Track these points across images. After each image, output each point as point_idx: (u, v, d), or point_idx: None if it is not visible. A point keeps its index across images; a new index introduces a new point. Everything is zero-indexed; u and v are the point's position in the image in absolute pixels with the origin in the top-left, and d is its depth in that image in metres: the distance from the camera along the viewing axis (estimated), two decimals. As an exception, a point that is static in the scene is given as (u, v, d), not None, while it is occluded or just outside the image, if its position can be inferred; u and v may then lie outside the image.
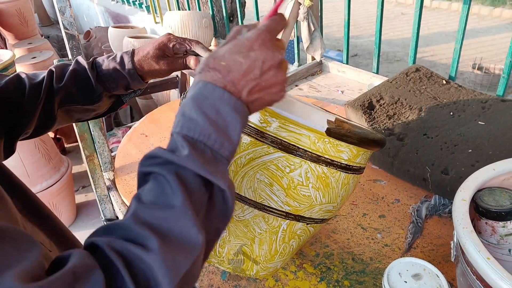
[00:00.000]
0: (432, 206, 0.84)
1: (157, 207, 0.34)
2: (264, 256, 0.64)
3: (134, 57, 0.63)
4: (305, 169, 0.56)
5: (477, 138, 0.91)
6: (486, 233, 0.56)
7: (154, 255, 0.31)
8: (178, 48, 0.63)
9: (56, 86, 0.61)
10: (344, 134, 0.55)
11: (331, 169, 0.57)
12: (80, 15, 4.83)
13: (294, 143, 0.55)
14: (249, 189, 0.58)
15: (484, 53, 3.58)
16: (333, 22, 5.03)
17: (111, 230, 0.34)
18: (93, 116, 0.68)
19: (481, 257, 0.44)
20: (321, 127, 0.54)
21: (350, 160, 0.59)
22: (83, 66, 0.63)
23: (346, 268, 0.74)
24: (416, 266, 0.59)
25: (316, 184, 0.57)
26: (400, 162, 0.93)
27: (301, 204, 0.58)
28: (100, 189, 1.09)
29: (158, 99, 2.59)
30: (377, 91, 1.14)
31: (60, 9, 0.85)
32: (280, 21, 0.44)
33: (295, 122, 0.55)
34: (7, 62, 1.78)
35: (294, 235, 0.63)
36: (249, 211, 0.59)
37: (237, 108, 0.39)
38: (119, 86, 0.64)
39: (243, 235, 0.62)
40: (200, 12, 2.26)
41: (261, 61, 0.40)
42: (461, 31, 1.18)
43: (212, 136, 0.37)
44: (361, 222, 0.84)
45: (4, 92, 0.57)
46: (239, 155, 0.57)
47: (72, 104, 0.63)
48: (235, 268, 0.65)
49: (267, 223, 0.60)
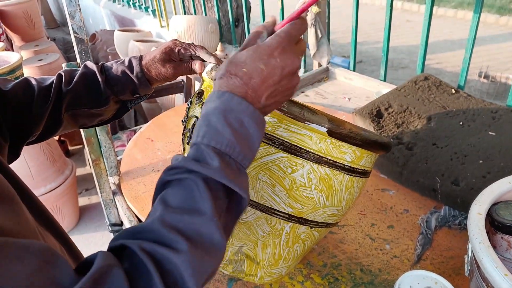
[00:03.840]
0: (442, 217, 0.83)
1: (185, 212, 0.36)
2: (268, 260, 0.63)
3: (142, 61, 0.65)
4: (308, 170, 0.56)
5: (488, 148, 0.90)
6: (502, 247, 0.55)
7: (183, 256, 0.33)
8: (183, 53, 0.65)
9: (65, 89, 0.62)
10: (346, 134, 0.55)
11: (334, 170, 0.56)
12: (86, 18, 4.87)
13: (296, 143, 0.55)
14: (251, 190, 0.57)
15: (490, 62, 3.57)
16: (338, 28, 5.03)
17: (139, 233, 0.35)
18: (97, 122, 0.69)
19: (499, 274, 0.43)
20: (322, 127, 0.54)
21: (354, 162, 0.58)
22: (92, 70, 0.64)
23: (354, 279, 0.72)
24: (427, 279, 0.57)
25: (319, 186, 0.57)
26: (409, 171, 0.91)
27: (304, 206, 0.58)
28: (106, 194, 1.08)
29: (162, 103, 2.59)
30: (385, 99, 1.13)
31: (70, 13, 0.84)
32: (301, 26, 0.44)
33: (297, 122, 0.54)
34: (14, 64, 1.78)
35: (298, 239, 0.62)
36: (251, 213, 0.59)
37: (259, 121, 0.41)
38: (126, 90, 0.65)
39: (246, 238, 0.61)
40: (206, 17, 2.27)
41: (281, 68, 0.41)
42: (471, 40, 1.17)
43: (237, 149, 0.39)
44: (369, 232, 0.83)
45: (13, 95, 0.58)
46: None
47: (79, 108, 0.64)
48: (237, 271, 0.65)
49: (270, 225, 0.59)
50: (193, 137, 0.40)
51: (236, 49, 2.30)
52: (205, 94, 0.62)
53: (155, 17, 2.95)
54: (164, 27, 2.83)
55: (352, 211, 0.89)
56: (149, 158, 1.17)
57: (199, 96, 0.63)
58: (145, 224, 0.35)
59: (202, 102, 0.62)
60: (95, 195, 2.34)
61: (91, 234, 2.11)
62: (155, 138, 1.28)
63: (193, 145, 0.40)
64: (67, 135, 2.78)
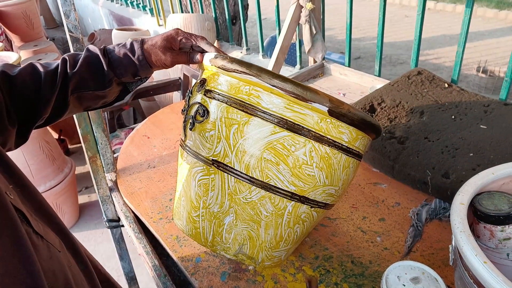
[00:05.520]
0: (433, 210, 0.84)
1: None
2: (270, 242, 0.65)
3: (144, 45, 0.67)
4: (309, 148, 0.59)
5: (478, 142, 0.90)
6: (485, 237, 0.56)
7: None
8: (184, 43, 0.67)
9: (70, 72, 0.63)
10: (344, 114, 0.59)
11: (333, 149, 0.61)
12: (85, 17, 4.87)
13: (299, 122, 0.58)
14: (256, 169, 0.60)
15: (488, 56, 3.57)
16: (336, 25, 5.03)
17: None
18: (101, 104, 0.70)
19: (478, 261, 0.44)
20: (323, 107, 0.58)
21: (350, 142, 0.62)
22: (95, 53, 0.66)
23: (345, 271, 0.74)
24: (415, 269, 0.59)
25: (320, 164, 0.60)
26: (400, 165, 0.93)
27: (305, 184, 0.61)
28: (103, 190, 1.09)
29: (160, 101, 2.60)
30: (378, 94, 1.14)
31: (65, 13, 0.85)
32: None
33: (300, 102, 0.58)
34: (13, 64, 1.80)
35: (299, 219, 0.65)
36: (256, 192, 0.61)
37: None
38: (128, 72, 0.67)
39: (249, 219, 0.63)
40: (203, 14, 2.27)
41: None
42: (463, 35, 1.18)
43: None
44: (361, 225, 0.84)
45: (20, 80, 0.59)
46: (246, 136, 0.60)
47: (84, 90, 0.65)
48: (238, 255, 0.66)
49: (273, 204, 0.62)
50: None
51: (232, 47, 2.31)
52: (208, 82, 0.64)
53: (153, 15, 2.96)
54: (161, 26, 2.83)
55: (344, 204, 0.90)
56: (145, 155, 1.19)
57: (202, 84, 0.65)
58: None
59: (205, 89, 0.64)
60: (95, 193, 2.35)
61: (91, 231, 2.13)
62: (152, 135, 1.29)
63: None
64: (66, 134, 2.80)
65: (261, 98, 0.59)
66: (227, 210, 0.64)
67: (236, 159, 0.60)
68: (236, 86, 0.61)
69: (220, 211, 0.64)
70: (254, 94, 0.59)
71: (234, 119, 0.60)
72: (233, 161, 0.61)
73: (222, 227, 0.65)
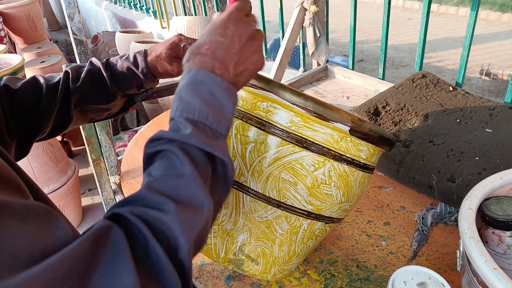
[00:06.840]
0: (438, 214, 0.84)
1: (169, 178, 0.38)
2: (283, 257, 0.65)
3: (148, 58, 0.65)
4: (329, 167, 0.58)
5: (484, 145, 0.90)
6: (493, 242, 0.55)
7: (171, 216, 0.35)
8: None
9: (73, 86, 0.63)
10: (365, 133, 0.57)
11: (351, 167, 0.59)
12: (88, 20, 4.89)
13: (319, 142, 0.57)
14: (274, 189, 0.58)
15: (492, 59, 3.56)
16: (339, 27, 5.03)
17: (129, 201, 0.37)
18: (106, 116, 0.70)
19: (488, 267, 0.44)
20: (345, 126, 0.56)
21: (367, 159, 0.61)
22: (97, 66, 0.65)
23: (351, 275, 0.73)
24: (421, 274, 0.58)
25: (338, 183, 0.59)
26: (405, 169, 0.92)
27: (323, 203, 0.60)
28: (106, 193, 1.09)
29: (164, 104, 2.60)
30: (383, 97, 1.14)
31: (69, 15, 0.86)
32: (245, 2, 0.48)
33: (320, 121, 0.56)
34: (16, 66, 1.80)
35: (313, 235, 0.64)
36: (272, 211, 0.60)
37: (228, 90, 0.43)
38: (132, 86, 0.66)
39: (264, 236, 0.62)
40: (206, 17, 2.28)
41: (238, 36, 0.44)
42: (468, 37, 1.18)
43: (210, 117, 0.41)
44: (366, 229, 0.83)
45: (22, 94, 0.59)
46: (264, 155, 0.58)
47: (87, 104, 0.65)
48: (251, 271, 0.65)
49: (289, 223, 0.61)
50: (170, 114, 0.43)
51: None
52: None
53: (156, 18, 2.97)
54: (165, 28, 2.84)
55: (349, 208, 0.90)
56: (149, 157, 1.19)
57: None
58: (134, 194, 0.38)
59: None
60: (98, 195, 2.36)
61: (94, 234, 2.13)
62: (155, 138, 1.29)
63: (170, 121, 0.42)
64: (70, 136, 2.81)
65: (280, 116, 0.57)
66: (241, 228, 0.62)
67: (252, 179, 0.59)
68: (253, 102, 0.59)
69: (234, 228, 0.63)
70: (272, 111, 0.57)
71: (251, 137, 0.58)
72: (249, 180, 0.59)
73: (235, 244, 0.64)
